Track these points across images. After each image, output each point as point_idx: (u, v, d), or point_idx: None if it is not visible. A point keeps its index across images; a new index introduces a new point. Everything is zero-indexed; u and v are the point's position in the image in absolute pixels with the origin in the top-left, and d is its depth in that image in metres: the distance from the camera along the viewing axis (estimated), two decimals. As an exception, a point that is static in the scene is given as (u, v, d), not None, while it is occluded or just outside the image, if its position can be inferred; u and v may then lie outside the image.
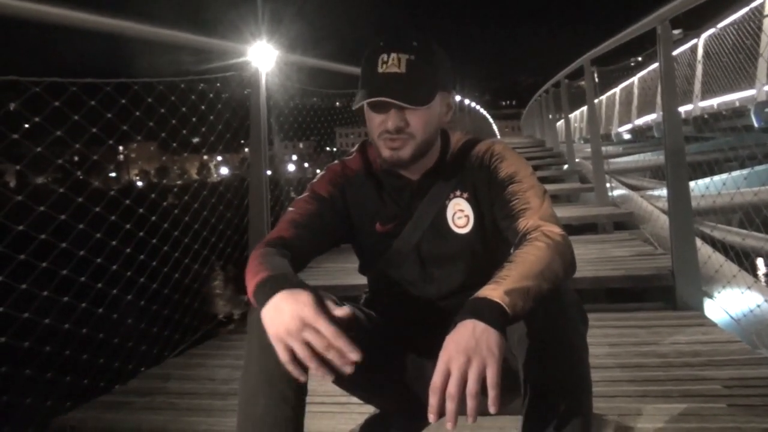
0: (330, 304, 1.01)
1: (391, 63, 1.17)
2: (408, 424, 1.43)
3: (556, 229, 1.14)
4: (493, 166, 1.29)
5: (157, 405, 1.79)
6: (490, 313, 0.94)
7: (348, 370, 0.94)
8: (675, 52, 2.83)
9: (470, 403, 0.89)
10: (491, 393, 0.89)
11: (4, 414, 1.93)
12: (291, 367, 0.95)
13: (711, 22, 7.20)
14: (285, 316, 0.95)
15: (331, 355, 0.94)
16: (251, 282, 1.06)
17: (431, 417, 0.90)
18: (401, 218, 1.33)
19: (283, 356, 0.95)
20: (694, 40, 7.81)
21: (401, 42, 1.20)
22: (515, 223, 1.20)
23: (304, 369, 0.96)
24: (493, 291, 0.97)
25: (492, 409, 0.89)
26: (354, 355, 0.93)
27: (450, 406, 0.89)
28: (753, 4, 6.15)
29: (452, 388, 0.89)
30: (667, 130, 2.62)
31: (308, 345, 0.94)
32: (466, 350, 0.90)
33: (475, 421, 0.89)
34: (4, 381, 1.85)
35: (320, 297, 1.00)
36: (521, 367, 1.10)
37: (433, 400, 0.90)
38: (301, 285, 1.01)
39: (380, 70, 1.18)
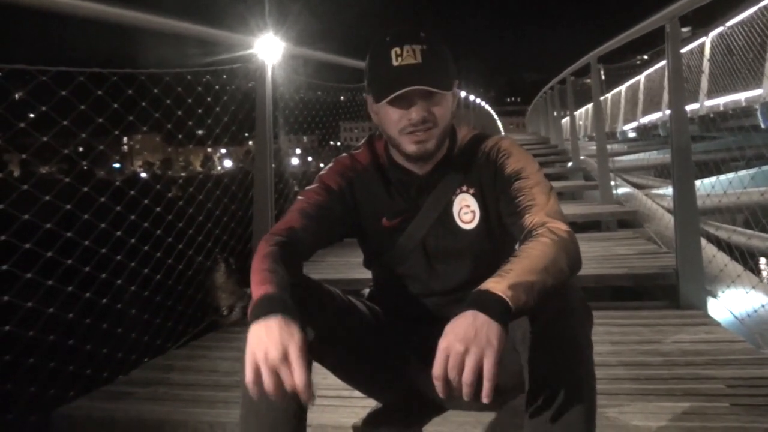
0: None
1: (407, 55, 1.17)
2: (410, 417, 1.44)
3: (562, 226, 1.14)
4: (499, 162, 1.28)
5: (159, 396, 1.79)
6: (492, 305, 0.94)
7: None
8: (682, 51, 2.81)
9: (466, 391, 0.90)
10: (486, 384, 0.89)
11: (7, 402, 1.94)
12: (250, 388, 0.95)
13: (719, 21, 7.16)
14: (271, 340, 0.95)
15: (288, 397, 0.94)
16: (256, 290, 1.05)
17: (441, 395, 0.92)
18: (408, 213, 1.33)
19: (248, 375, 0.94)
20: (702, 39, 7.77)
21: (410, 34, 1.20)
22: (521, 219, 1.20)
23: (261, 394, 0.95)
24: (497, 284, 0.97)
25: (485, 400, 0.89)
26: (309, 403, 0.95)
27: (454, 386, 0.91)
28: (762, 3, 6.11)
29: (452, 373, 0.90)
30: (674, 129, 2.61)
31: (276, 375, 0.94)
32: (465, 339, 0.91)
33: (471, 398, 0.90)
34: (7, 369, 1.85)
35: (307, 340, 0.99)
36: (525, 363, 1.09)
37: (438, 385, 0.92)
38: (298, 317, 1.00)
39: (395, 63, 1.17)
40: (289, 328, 0.97)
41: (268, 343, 0.94)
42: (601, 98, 5.98)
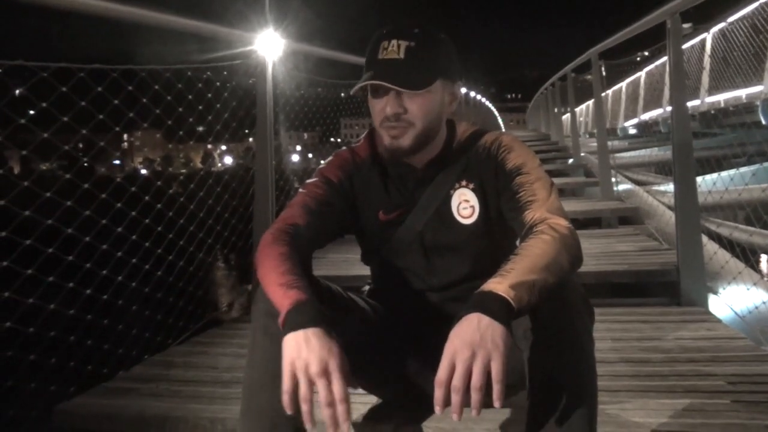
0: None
1: (391, 49, 1.18)
2: (410, 414, 1.44)
3: (563, 222, 1.14)
4: (500, 158, 1.28)
5: (160, 392, 1.79)
6: (495, 306, 0.94)
7: (332, 431, 0.95)
8: (683, 47, 2.81)
9: (475, 397, 0.89)
10: (496, 387, 0.89)
11: (8, 398, 1.94)
12: (286, 398, 0.95)
13: (720, 17, 7.15)
14: (312, 353, 0.95)
15: (326, 414, 0.94)
16: (284, 295, 1.04)
17: (437, 409, 0.91)
18: (405, 207, 1.33)
19: (286, 385, 0.95)
20: (704, 35, 7.76)
21: (403, 30, 1.21)
22: (522, 214, 1.20)
23: (295, 405, 0.95)
24: (499, 284, 0.97)
25: (496, 404, 0.89)
26: (345, 425, 0.94)
27: (455, 398, 0.90)
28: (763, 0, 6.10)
29: (457, 381, 0.89)
30: (675, 125, 2.60)
31: (311, 388, 0.95)
32: (471, 344, 0.90)
33: (480, 414, 0.89)
34: (8, 365, 1.86)
35: (343, 351, 0.99)
36: (526, 360, 1.09)
37: (438, 393, 0.90)
38: (331, 327, 1.01)
39: (380, 56, 1.19)
40: (328, 341, 0.97)
41: (308, 355, 0.95)
42: (602, 94, 5.97)
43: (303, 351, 0.96)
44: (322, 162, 1.41)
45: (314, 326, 0.98)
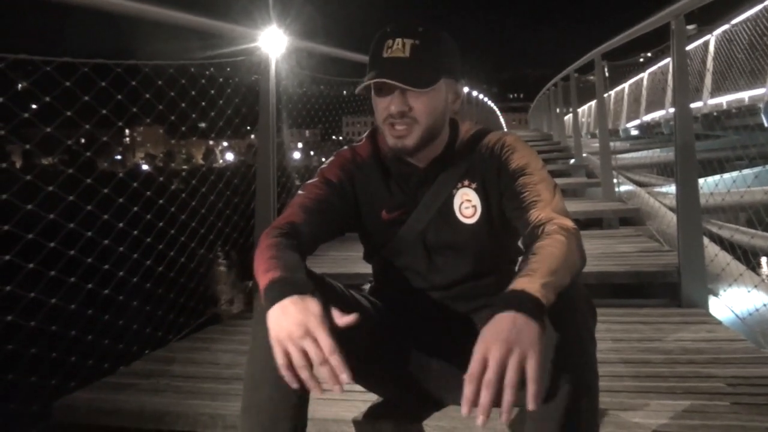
0: (336, 314, 1.01)
1: (396, 48, 1.18)
2: (411, 412, 1.44)
3: (569, 223, 1.14)
4: (503, 158, 1.28)
5: (160, 387, 1.79)
6: (531, 305, 0.92)
7: (337, 389, 0.94)
8: (687, 48, 2.80)
9: (507, 396, 0.86)
10: (532, 387, 0.86)
11: (9, 392, 1.95)
12: (285, 372, 0.96)
13: (724, 19, 7.14)
14: (289, 321, 0.96)
15: (324, 371, 0.94)
16: (263, 278, 1.06)
17: (464, 409, 0.86)
18: (407, 206, 1.33)
19: (279, 359, 0.96)
20: (707, 36, 7.75)
21: (407, 28, 1.21)
22: (526, 214, 1.19)
23: (297, 378, 0.96)
24: (530, 284, 0.95)
25: (531, 405, 0.86)
26: (344, 377, 0.94)
27: (485, 396, 0.86)
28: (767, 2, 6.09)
29: (490, 375, 0.86)
30: (678, 127, 2.60)
31: (305, 355, 0.95)
32: (507, 341, 0.87)
33: (509, 419, 0.85)
34: (9, 359, 1.86)
35: (327, 307, 1.00)
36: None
37: (468, 390, 0.86)
38: (311, 290, 1.01)
39: (385, 54, 1.19)
40: (303, 302, 0.98)
41: (288, 324, 0.96)
42: (605, 95, 5.97)
43: (282, 321, 0.96)
44: (323, 160, 1.42)
45: (288, 295, 0.99)
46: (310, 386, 0.96)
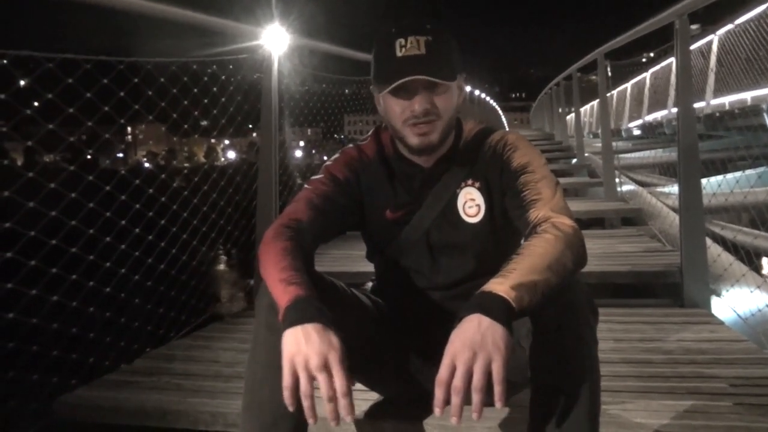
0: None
1: (411, 46, 1.16)
2: (412, 411, 1.43)
3: (567, 221, 1.13)
4: (506, 156, 1.28)
5: (161, 385, 1.79)
6: (496, 307, 0.94)
7: (334, 424, 0.94)
8: (690, 48, 2.79)
9: (476, 398, 0.89)
10: (497, 388, 0.89)
11: (10, 389, 1.95)
12: (287, 394, 0.95)
13: (728, 18, 7.12)
14: (311, 348, 0.95)
15: (329, 407, 0.94)
16: (284, 291, 1.04)
17: (437, 410, 0.90)
18: (412, 206, 1.32)
19: (287, 381, 0.95)
20: (710, 36, 7.73)
21: (416, 25, 1.20)
22: (526, 213, 1.19)
23: (296, 400, 0.95)
24: (499, 285, 0.96)
25: (498, 405, 0.89)
26: (348, 418, 0.94)
27: (455, 399, 0.89)
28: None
29: (457, 381, 0.89)
30: (681, 127, 2.59)
31: (312, 383, 0.95)
32: (472, 345, 0.90)
33: (480, 417, 0.89)
34: (10, 357, 1.86)
35: (344, 346, 0.99)
36: (529, 358, 1.09)
37: (438, 394, 0.90)
38: (331, 321, 1.00)
39: (399, 54, 1.17)
40: (328, 335, 0.97)
41: (308, 351, 0.95)
42: (607, 95, 5.96)
43: (303, 346, 0.95)
44: (325, 158, 1.41)
45: (313, 322, 0.98)
46: (307, 415, 0.95)
